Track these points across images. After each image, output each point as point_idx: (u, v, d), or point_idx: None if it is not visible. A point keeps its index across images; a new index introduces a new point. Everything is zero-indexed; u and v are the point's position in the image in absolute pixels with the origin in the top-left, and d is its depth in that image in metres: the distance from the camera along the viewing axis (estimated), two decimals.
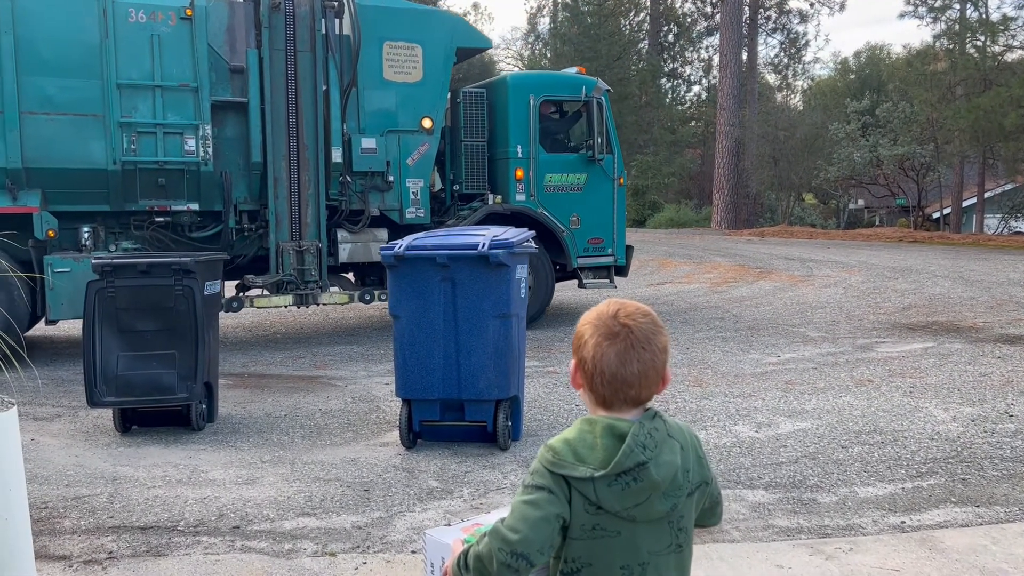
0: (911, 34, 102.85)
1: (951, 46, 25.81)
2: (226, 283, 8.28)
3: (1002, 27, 23.41)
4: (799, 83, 41.55)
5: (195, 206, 8.00)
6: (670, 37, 38.78)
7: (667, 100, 39.46)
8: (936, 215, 31.25)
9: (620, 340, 1.58)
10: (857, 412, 5.83)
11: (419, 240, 5.15)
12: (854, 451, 4.98)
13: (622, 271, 10.00)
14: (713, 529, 3.82)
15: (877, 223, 34.83)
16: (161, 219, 7.98)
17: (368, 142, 8.50)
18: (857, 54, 43.20)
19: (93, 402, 5.18)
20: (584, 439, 1.58)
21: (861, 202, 37.10)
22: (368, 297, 8.76)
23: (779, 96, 41.07)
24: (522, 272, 5.22)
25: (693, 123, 40.50)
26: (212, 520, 3.99)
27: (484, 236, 5.03)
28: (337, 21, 8.23)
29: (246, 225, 8.29)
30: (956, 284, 13.08)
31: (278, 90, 8.06)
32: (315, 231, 8.22)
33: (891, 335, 8.88)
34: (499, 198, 9.28)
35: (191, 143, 7.78)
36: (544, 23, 45.52)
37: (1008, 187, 29.55)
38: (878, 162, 28.36)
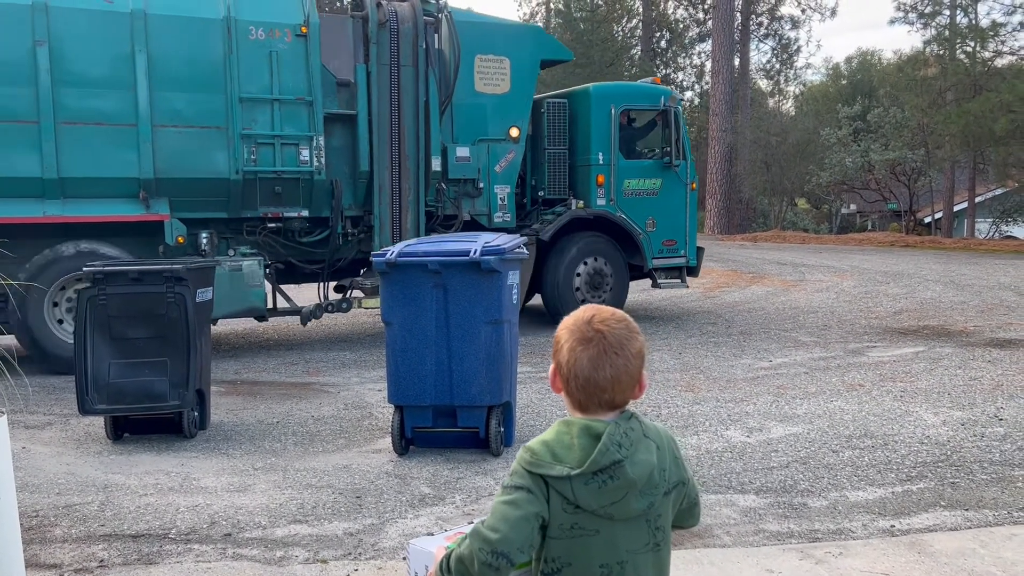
0: (902, 40, 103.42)
1: (941, 52, 25.95)
2: (329, 284, 8.99)
3: (992, 33, 23.56)
4: (791, 88, 41.73)
5: (305, 212, 8.37)
6: (662, 43, 38.91)
7: None
8: (927, 219, 31.39)
9: (593, 345, 1.61)
10: (848, 416, 5.85)
11: (411, 247, 5.17)
12: (845, 455, 5.00)
13: (693, 271, 10.42)
14: (704, 534, 3.84)
15: (869, 228, 35.00)
16: (273, 225, 8.35)
17: (462, 151, 9.02)
18: (848, 60, 43.42)
19: (84, 410, 5.18)
20: (561, 439, 1.61)
21: (853, 207, 37.25)
22: None
23: (771, 102, 41.24)
24: (514, 278, 5.24)
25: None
26: (204, 528, 3.99)
27: (476, 243, 5.05)
28: (436, 36, 8.71)
29: (349, 230, 8.64)
30: (947, 288, 13.14)
31: (383, 102, 8.48)
32: (414, 235, 8.50)
33: (882, 339, 8.92)
34: (581, 203, 9.68)
35: (305, 153, 8.15)
36: None
37: (998, 192, 29.71)
38: (870, 167, 28.49)
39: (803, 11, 42.10)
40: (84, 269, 5.30)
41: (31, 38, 7.20)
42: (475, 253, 4.87)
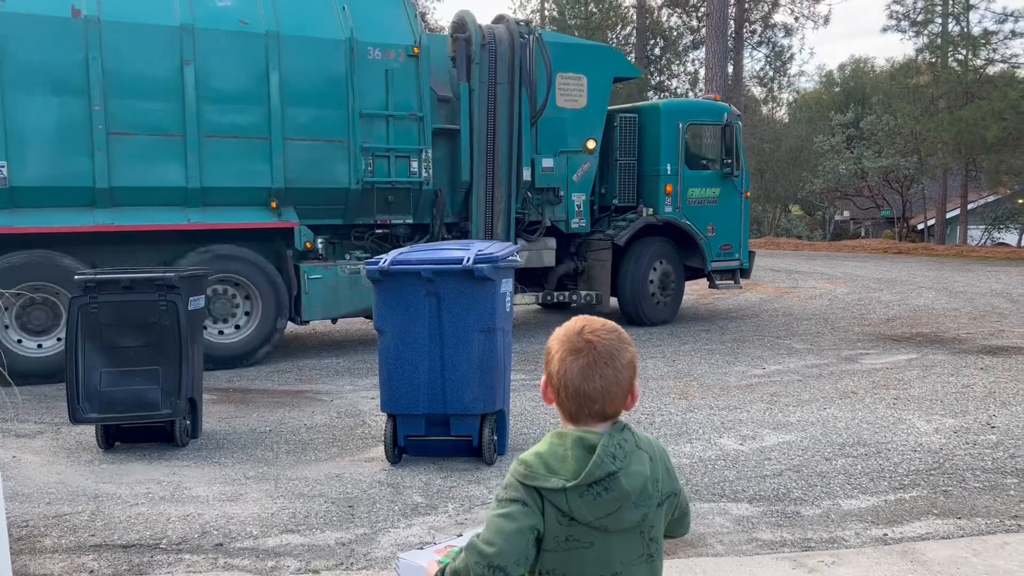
0: (894, 47, 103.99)
1: (933, 60, 26.11)
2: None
3: (983, 41, 23.70)
4: (784, 96, 41.85)
5: (410, 220, 9.01)
6: (656, 51, 39.04)
7: None
8: (920, 226, 31.53)
9: (583, 356, 1.61)
10: (841, 424, 5.86)
11: (404, 254, 5.16)
12: (838, 463, 5.01)
13: (745, 274, 11.27)
14: (697, 542, 3.83)
15: (862, 234, 35.11)
16: (380, 231, 8.98)
17: (547, 162, 9.69)
18: (841, 67, 43.65)
19: (76, 418, 5.14)
20: (555, 451, 1.60)
21: (846, 213, 37.39)
22: (549, 298, 10.14)
23: (765, 109, 41.34)
24: (507, 286, 5.23)
25: None
26: (195, 537, 3.96)
27: (469, 251, 5.05)
28: (528, 56, 9.32)
29: (444, 236, 9.23)
30: (940, 295, 13.19)
31: (481, 118, 9.15)
32: (504, 240, 9.09)
33: (875, 347, 8.94)
34: (651, 210, 10.32)
35: (415, 165, 8.77)
36: None
37: (991, 199, 29.85)
38: (863, 174, 28.62)
39: (796, 19, 42.19)
40: (75, 277, 5.28)
41: (179, 58, 7.71)
42: (468, 261, 4.87)
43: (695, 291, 13.84)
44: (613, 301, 10.42)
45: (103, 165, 7.46)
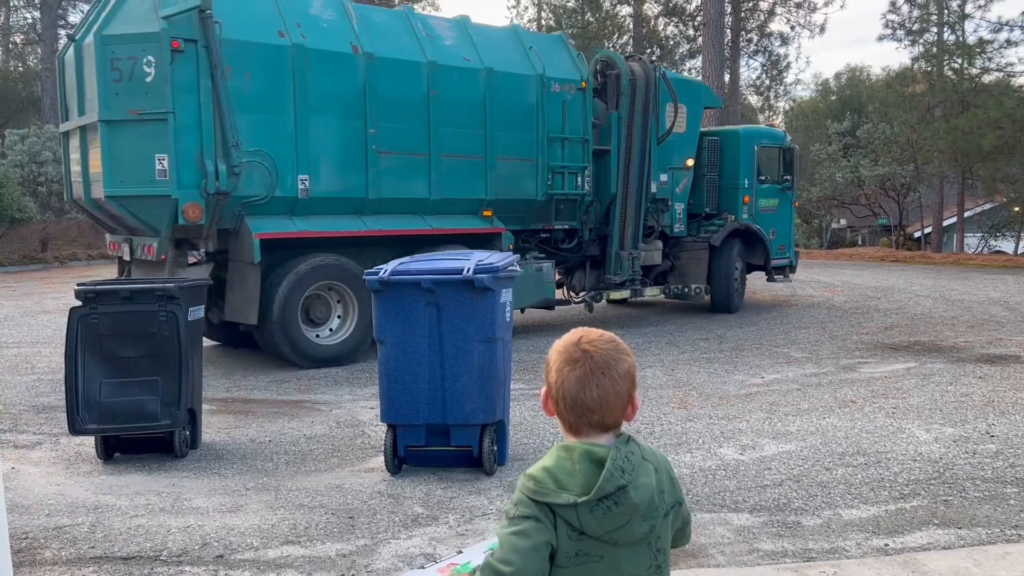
0: (890, 56, 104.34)
1: (929, 68, 26.20)
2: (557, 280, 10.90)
3: (979, 50, 23.80)
4: (781, 104, 42.04)
5: (566, 226, 10.67)
6: (653, 59, 39.14)
7: None
8: (917, 234, 31.59)
9: (580, 366, 1.62)
10: (841, 434, 5.86)
11: (404, 265, 5.16)
12: (838, 473, 5.01)
13: (793, 270, 13.59)
14: (698, 553, 3.83)
15: (859, 242, 35.19)
16: (544, 235, 10.62)
17: (664, 176, 11.53)
18: (838, 76, 43.83)
19: (75, 429, 5.13)
20: (563, 466, 1.60)
21: (843, 221, 37.45)
22: (675, 290, 11.98)
23: (761, 117, 41.48)
24: (507, 296, 5.24)
25: None
26: (195, 549, 3.95)
27: (469, 261, 5.05)
28: (656, 89, 11.05)
29: (592, 239, 11.05)
30: (937, 303, 13.21)
31: (623, 140, 10.85)
32: (632, 243, 11.09)
33: (874, 355, 8.95)
34: (733, 217, 12.29)
35: (579, 180, 10.50)
36: None
37: (987, 207, 29.94)
38: (860, 182, 28.69)
39: (792, 28, 42.34)
40: (76, 287, 5.28)
41: (427, 88, 9.09)
42: (468, 271, 4.87)
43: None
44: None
45: (374, 179, 8.79)
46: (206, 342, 8.70)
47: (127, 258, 8.44)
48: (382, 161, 8.83)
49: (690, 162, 11.91)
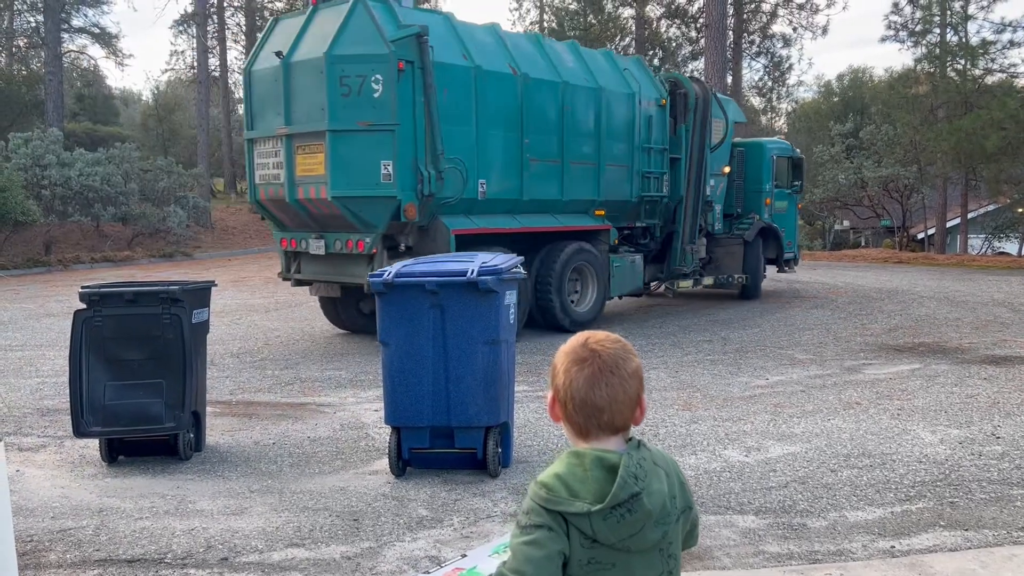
0: (893, 57, 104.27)
1: (932, 69, 26.17)
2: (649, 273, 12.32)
3: (982, 51, 23.78)
4: (783, 106, 41.95)
5: (647, 223, 12.17)
6: (655, 61, 39.15)
7: None
8: (921, 235, 31.55)
9: (588, 365, 1.61)
10: (846, 435, 5.85)
11: (408, 267, 5.16)
12: (843, 475, 4.99)
13: (797, 262, 15.53)
14: (704, 555, 3.82)
15: (863, 244, 35.15)
16: (627, 232, 12.00)
17: (712, 181, 13.00)
18: (840, 77, 43.78)
19: (79, 432, 5.14)
20: (574, 473, 1.57)
21: (847, 223, 37.42)
22: (720, 280, 13.57)
23: (764, 119, 41.46)
24: (511, 298, 5.23)
25: None
26: (200, 552, 3.95)
27: (473, 262, 5.04)
28: (709, 106, 12.52)
29: (658, 236, 12.46)
30: (941, 305, 13.18)
31: (691, 150, 12.29)
32: (691, 238, 12.47)
33: (878, 357, 8.93)
34: (758, 217, 14.09)
35: (659, 184, 12.06)
36: None
37: (991, 207, 29.88)
38: (863, 183, 28.65)
39: (795, 29, 42.32)
40: (80, 290, 5.28)
41: (561, 105, 10.54)
42: (472, 273, 4.87)
43: (695, 301, 13.84)
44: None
45: (527, 183, 10.16)
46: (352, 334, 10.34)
47: (314, 251, 9.60)
48: (532, 167, 10.26)
49: (727, 169, 13.60)
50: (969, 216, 29.01)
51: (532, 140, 10.20)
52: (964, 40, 25.73)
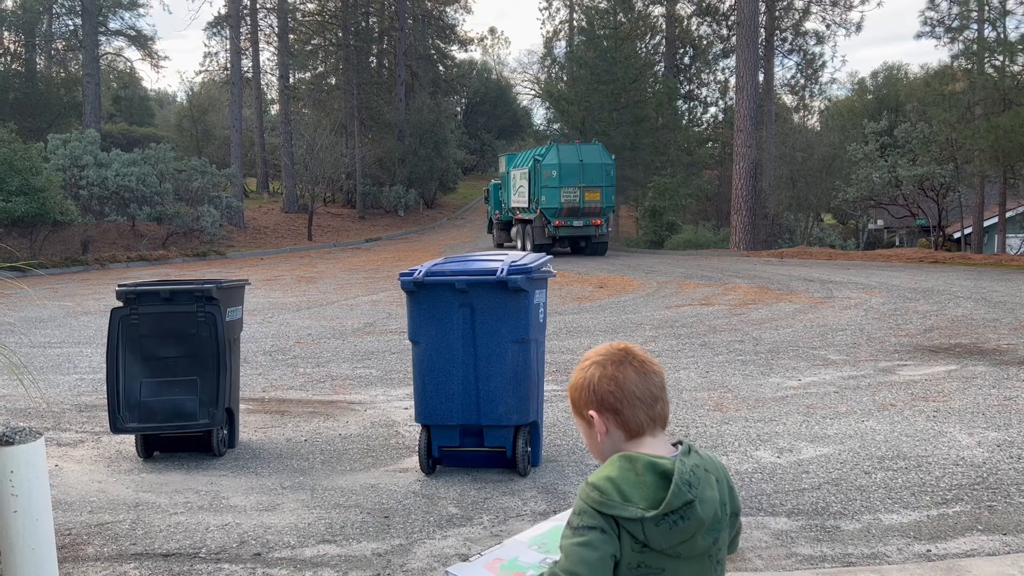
0: (928, 54, 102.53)
1: (969, 66, 25.72)
2: None
3: (1021, 46, 23.30)
4: (816, 104, 41.51)
5: None
6: (686, 59, 38.91)
7: (684, 122, 39.52)
8: (957, 235, 30.98)
9: (629, 360, 1.64)
10: (880, 437, 5.77)
11: (438, 266, 5.18)
12: (877, 477, 4.93)
13: None
14: (735, 557, 3.79)
15: (897, 244, 34.60)
16: None
17: None
18: (874, 74, 43.18)
19: (116, 428, 5.23)
20: (626, 477, 1.57)
21: (880, 222, 36.87)
22: None
23: (796, 117, 41.00)
24: (540, 297, 5.23)
25: (710, 144, 40.53)
26: (233, 547, 4.00)
27: (502, 261, 5.05)
28: None
29: None
30: (978, 305, 12.94)
31: None
32: None
33: (913, 358, 8.79)
34: None
35: None
36: (560, 47, 45.77)
37: None
38: (897, 182, 28.21)
39: (828, 26, 41.83)
40: (117, 288, 5.37)
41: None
42: (502, 272, 4.88)
43: (728, 302, 13.72)
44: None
45: None
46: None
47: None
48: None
49: None
50: (1007, 215, 28.42)
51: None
52: (1002, 36, 25.24)
